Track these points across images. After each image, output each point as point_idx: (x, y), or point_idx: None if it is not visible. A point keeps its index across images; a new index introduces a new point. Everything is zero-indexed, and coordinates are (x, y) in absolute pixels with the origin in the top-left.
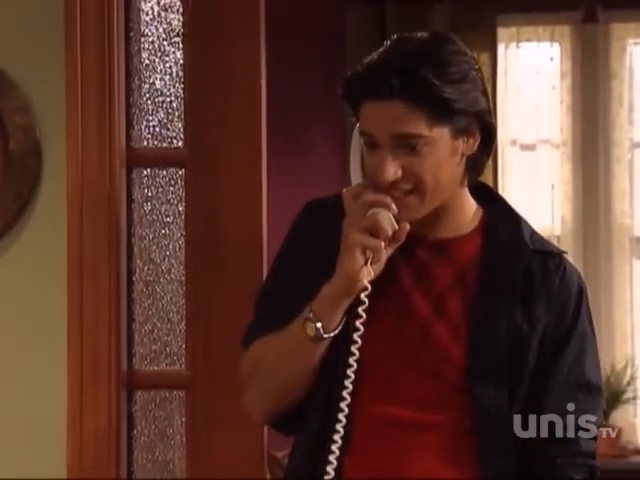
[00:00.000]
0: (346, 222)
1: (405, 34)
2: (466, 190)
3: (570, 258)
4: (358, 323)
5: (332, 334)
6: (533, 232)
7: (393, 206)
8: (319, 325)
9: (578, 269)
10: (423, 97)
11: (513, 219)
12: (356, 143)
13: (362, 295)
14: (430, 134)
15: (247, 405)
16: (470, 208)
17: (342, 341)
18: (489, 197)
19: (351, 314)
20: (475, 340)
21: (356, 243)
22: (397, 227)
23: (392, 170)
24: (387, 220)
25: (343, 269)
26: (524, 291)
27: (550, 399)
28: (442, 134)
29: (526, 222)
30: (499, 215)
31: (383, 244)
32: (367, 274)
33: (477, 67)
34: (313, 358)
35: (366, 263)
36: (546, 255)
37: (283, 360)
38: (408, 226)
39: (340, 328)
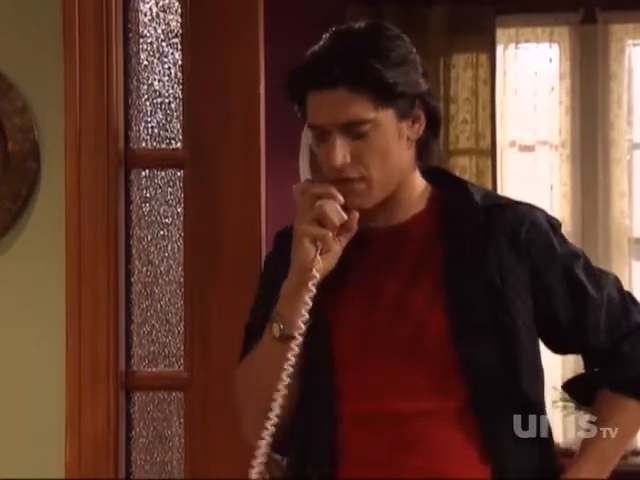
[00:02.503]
0: (295, 216)
1: (342, 26)
2: (417, 175)
3: None
4: (303, 310)
5: (297, 333)
6: (486, 193)
7: (339, 197)
8: (282, 326)
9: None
10: (366, 82)
11: (460, 186)
12: (304, 143)
13: (309, 284)
14: (375, 116)
15: (246, 433)
16: (420, 188)
17: (312, 342)
18: (441, 176)
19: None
20: (453, 306)
21: (304, 233)
22: (346, 217)
23: (341, 154)
24: (334, 210)
25: (295, 260)
26: (487, 246)
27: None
28: (387, 116)
29: (475, 186)
30: (447, 188)
31: (331, 234)
32: (317, 264)
33: (414, 51)
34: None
35: (316, 253)
36: (500, 208)
37: (262, 373)
38: (357, 214)
39: (305, 327)
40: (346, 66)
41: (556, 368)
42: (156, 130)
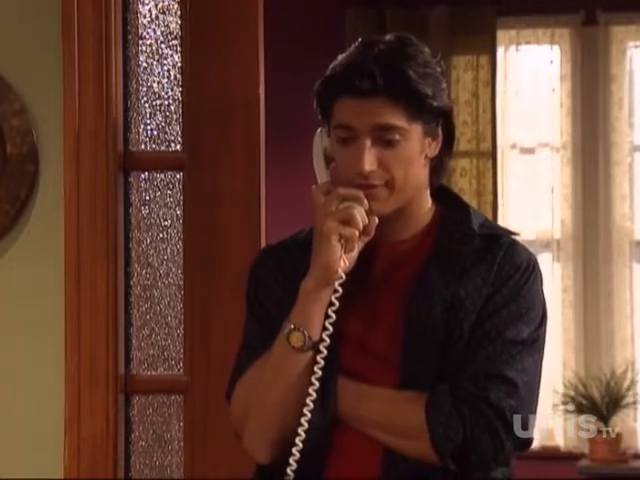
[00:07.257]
0: (318, 215)
1: (373, 38)
2: (427, 193)
3: (570, 261)
4: (330, 311)
5: (317, 340)
6: (485, 221)
7: (365, 201)
8: (305, 333)
9: (578, 273)
10: (405, 94)
11: (462, 210)
12: (318, 147)
13: (336, 284)
14: (408, 127)
15: (250, 446)
16: (427, 207)
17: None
18: (445, 195)
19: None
20: (408, 321)
21: (332, 231)
22: (367, 221)
23: (369, 160)
24: (361, 213)
25: (320, 258)
26: (466, 270)
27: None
28: (417, 130)
29: (476, 213)
30: (450, 209)
31: (357, 233)
32: (343, 263)
33: (440, 69)
34: (303, 370)
35: (341, 252)
36: (494, 238)
37: (276, 386)
38: (377, 220)
39: (332, 329)
40: (388, 76)
41: (557, 371)
42: (155, 132)
